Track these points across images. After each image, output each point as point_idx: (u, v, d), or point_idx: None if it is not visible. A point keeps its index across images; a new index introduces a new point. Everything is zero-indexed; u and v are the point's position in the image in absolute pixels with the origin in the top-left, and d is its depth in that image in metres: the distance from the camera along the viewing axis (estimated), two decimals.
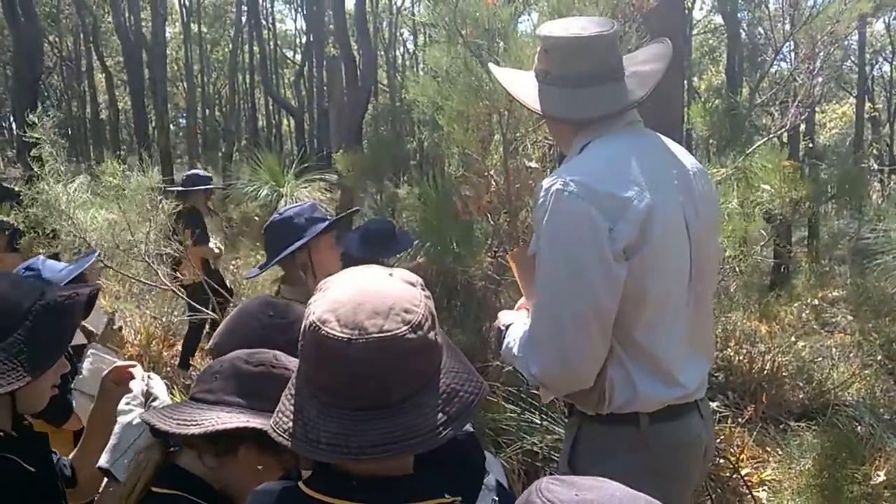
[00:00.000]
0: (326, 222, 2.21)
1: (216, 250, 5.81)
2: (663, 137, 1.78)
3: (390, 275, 1.08)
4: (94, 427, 1.71)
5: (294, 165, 7.21)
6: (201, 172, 6.36)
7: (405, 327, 0.98)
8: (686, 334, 1.65)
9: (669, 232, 1.57)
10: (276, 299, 2.07)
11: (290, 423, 1.03)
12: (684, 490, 1.80)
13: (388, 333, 0.97)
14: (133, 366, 1.74)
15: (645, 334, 1.57)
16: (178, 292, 4.84)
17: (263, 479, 1.23)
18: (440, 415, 0.99)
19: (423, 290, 1.08)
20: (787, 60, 10.56)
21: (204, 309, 4.73)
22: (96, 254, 3.07)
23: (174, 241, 4.68)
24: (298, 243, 2.13)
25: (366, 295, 1.01)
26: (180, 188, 5.92)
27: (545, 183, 1.58)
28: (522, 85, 1.75)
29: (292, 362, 1.29)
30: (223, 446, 1.27)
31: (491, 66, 1.95)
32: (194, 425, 1.23)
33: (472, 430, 1.41)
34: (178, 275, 5.15)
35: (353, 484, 1.02)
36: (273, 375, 1.30)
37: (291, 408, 1.05)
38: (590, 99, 1.64)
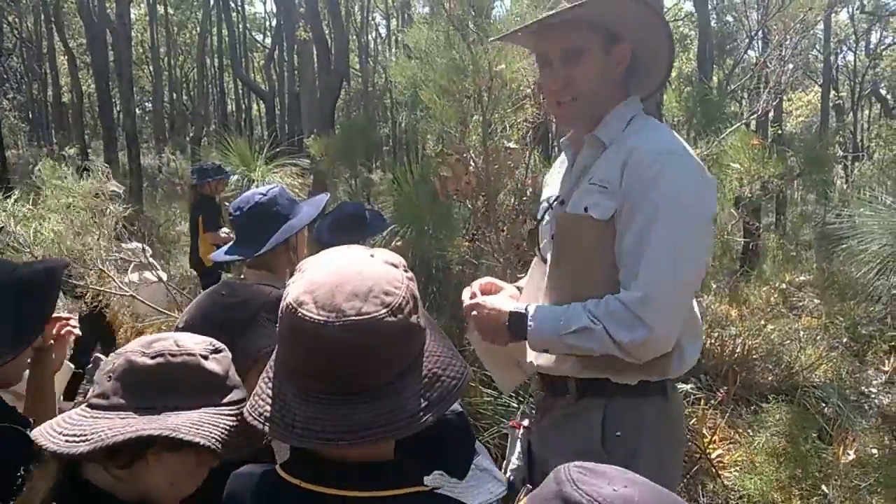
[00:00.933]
0: (315, 206, 2.17)
1: (223, 236, 5.81)
2: None
3: (371, 256, 1.04)
4: (32, 395, 1.62)
5: (265, 150, 7.11)
6: (211, 164, 6.34)
7: (384, 310, 0.95)
8: None
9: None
10: (235, 281, 2.03)
11: (267, 407, 1.00)
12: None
13: (367, 316, 0.94)
14: (70, 318, 1.64)
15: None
16: (136, 297, 4.65)
17: (188, 482, 1.18)
18: (421, 400, 0.97)
19: (405, 271, 1.04)
20: (755, 49, 10.70)
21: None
22: None
23: (133, 240, 4.59)
24: (302, 222, 2.09)
25: (344, 276, 0.98)
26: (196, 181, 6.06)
27: (646, 149, 1.56)
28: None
29: (195, 343, 1.18)
30: (125, 458, 1.10)
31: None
32: (83, 441, 1.06)
33: (460, 409, 1.40)
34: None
35: (331, 469, 1.00)
36: (173, 366, 1.13)
37: (269, 391, 1.02)
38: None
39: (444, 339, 1.08)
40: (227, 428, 1.11)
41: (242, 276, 2.13)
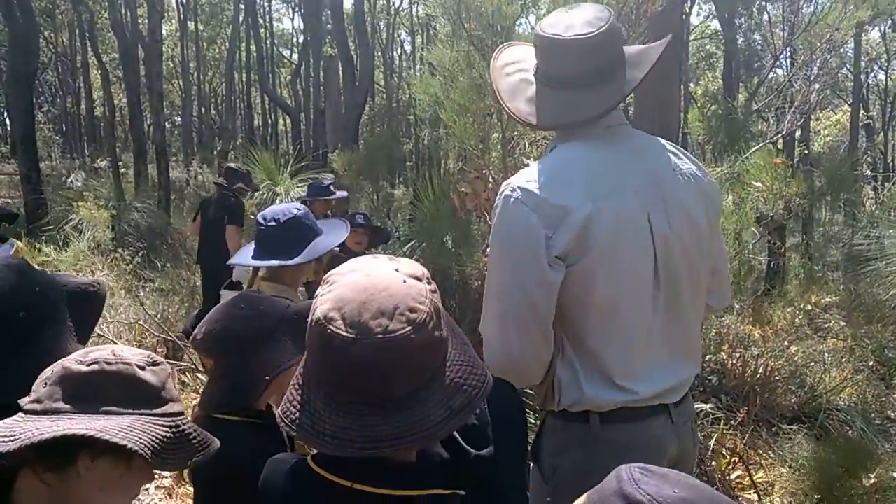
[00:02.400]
0: (345, 227, 2.29)
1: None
2: (650, 139, 1.75)
3: (396, 270, 1.07)
4: None
5: (290, 164, 7.21)
6: (241, 169, 6.50)
7: (409, 328, 0.99)
8: (656, 340, 1.63)
9: (620, 240, 1.55)
10: (255, 293, 2.06)
11: (298, 414, 1.05)
12: None
13: (393, 335, 0.98)
14: None
15: (594, 338, 1.60)
16: None
17: (120, 492, 1.18)
18: (444, 409, 1.01)
19: (428, 283, 1.08)
20: (783, 67, 10.62)
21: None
22: None
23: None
24: (332, 243, 2.14)
25: (371, 293, 1.01)
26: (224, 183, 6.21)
27: (501, 187, 1.64)
28: (519, 80, 1.76)
29: (131, 354, 1.20)
30: (54, 460, 1.10)
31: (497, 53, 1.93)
32: (11, 441, 1.05)
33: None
34: None
35: (358, 466, 1.05)
36: (107, 373, 1.15)
37: (298, 398, 1.07)
38: (558, 104, 1.67)
39: (466, 347, 1.12)
40: (159, 437, 1.12)
41: (257, 288, 2.16)
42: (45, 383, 1.16)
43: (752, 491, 3.64)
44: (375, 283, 1.04)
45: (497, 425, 1.23)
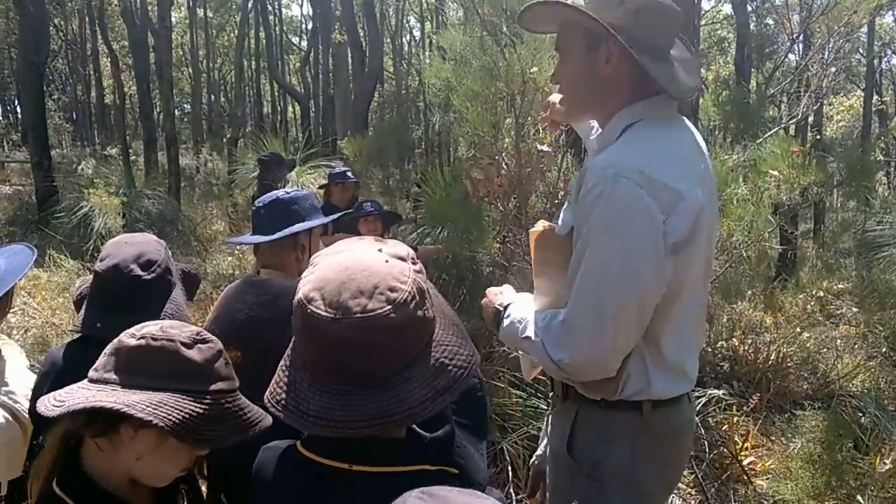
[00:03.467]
0: (330, 217, 2.27)
1: None
2: (692, 127, 1.72)
3: (380, 250, 1.07)
4: None
5: (300, 152, 7.23)
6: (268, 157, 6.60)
7: (389, 307, 0.99)
8: (698, 330, 1.68)
9: (710, 231, 1.56)
10: (254, 277, 2.07)
11: (283, 395, 1.06)
12: (679, 473, 1.84)
13: (371, 314, 0.98)
14: None
15: (669, 328, 1.56)
16: None
17: (157, 461, 1.23)
18: (428, 389, 1.01)
19: (413, 263, 1.08)
20: (796, 52, 10.50)
21: None
22: None
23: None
24: (312, 225, 2.13)
25: (351, 273, 1.02)
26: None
27: (598, 165, 1.49)
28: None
29: (182, 331, 1.24)
30: (98, 428, 1.19)
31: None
32: (60, 406, 1.16)
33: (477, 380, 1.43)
34: None
35: (344, 446, 1.06)
36: (152, 349, 1.21)
37: (286, 379, 1.08)
38: (670, 75, 1.56)
39: (455, 326, 1.11)
40: (192, 413, 1.16)
41: (258, 273, 2.19)
42: (105, 354, 1.24)
43: (765, 477, 3.64)
44: (357, 263, 1.04)
45: (460, 403, 1.23)
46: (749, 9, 14.00)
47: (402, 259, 1.07)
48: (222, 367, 1.26)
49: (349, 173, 5.77)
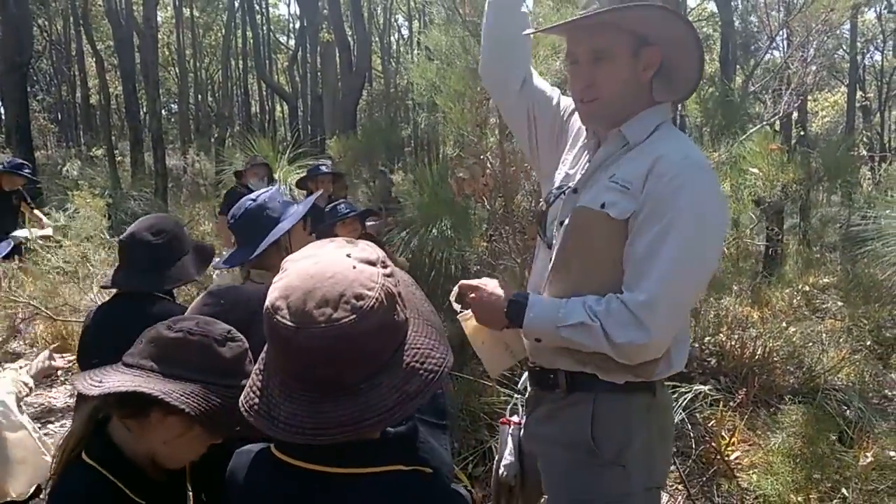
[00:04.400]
0: (303, 205, 2.24)
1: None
2: None
3: (348, 255, 1.05)
4: None
5: (287, 151, 7.19)
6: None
7: (354, 315, 0.97)
8: None
9: None
10: (214, 288, 2.09)
11: (256, 400, 1.06)
12: (672, 447, 2.00)
13: (336, 323, 0.97)
14: None
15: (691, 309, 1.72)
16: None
17: (182, 446, 1.35)
18: (397, 394, 1.00)
19: (383, 266, 1.06)
20: (780, 49, 10.57)
21: None
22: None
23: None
24: (289, 223, 2.13)
25: (317, 281, 1.00)
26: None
27: (671, 157, 1.58)
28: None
29: (215, 329, 1.35)
30: (129, 410, 1.29)
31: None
32: (98, 386, 1.26)
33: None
34: None
35: (317, 448, 1.06)
36: (189, 342, 1.32)
37: (259, 383, 1.08)
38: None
39: (429, 327, 1.10)
40: (217, 405, 1.28)
41: (247, 274, 2.20)
42: (141, 341, 1.35)
43: (752, 472, 3.68)
44: (323, 270, 1.02)
45: None
46: (733, 6, 14.08)
47: (372, 263, 1.05)
48: (248, 365, 1.36)
49: (323, 167, 5.65)
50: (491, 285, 1.76)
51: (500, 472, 2.00)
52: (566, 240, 1.72)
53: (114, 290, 2.40)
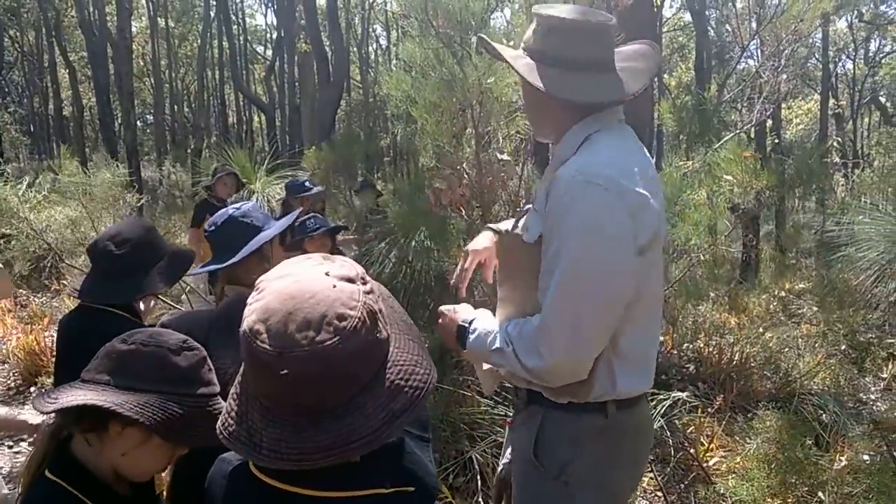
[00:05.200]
0: (286, 218, 2.28)
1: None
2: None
3: (327, 273, 1.02)
4: None
5: (265, 162, 7.14)
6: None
7: (337, 338, 0.95)
8: (658, 328, 1.75)
9: (665, 234, 1.65)
10: (171, 319, 2.03)
11: (235, 427, 1.03)
12: (641, 470, 1.90)
13: (320, 346, 0.94)
14: None
15: (633, 331, 1.61)
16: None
17: (141, 458, 1.34)
18: (384, 413, 0.98)
19: (362, 283, 1.03)
20: (754, 58, 10.73)
21: None
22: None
23: None
24: (272, 233, 2.11)
25: (297, 302, 0.97)
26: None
27: (566, 174, 1.54)
28: (516, 60, 1.68)
29: (170, 339, 1.35)
30: (88, 424, 1.30)
31: (481, 35, 1.90)
32: (53, 402, 1.27)
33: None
34: None
35: (299, 470, 1.03)
36: (142, 353, 1.32)
37: (236, 409, 1.05)
38: (594, 85, 1.62)
39: (410, 342, 1.08)
40: (174, 414, 1.28)
41: (221, 289, 2.15)
42: (99, 356, 1.35)
43: (730, 477, 3.70)
44: (302, 290, 0.99)
45: None
46: (707, 16, 14.28)
47: (351, 281, 1.02)
48: (206, 373, 1.37)
49: (308, 183, 5.53)
50: (450, 309, 1.82)
51: (500, 470, 2.05)
52: (500, 265, 1.80)
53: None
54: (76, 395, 1.27)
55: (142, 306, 2.43)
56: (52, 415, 1.32)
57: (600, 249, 1.50)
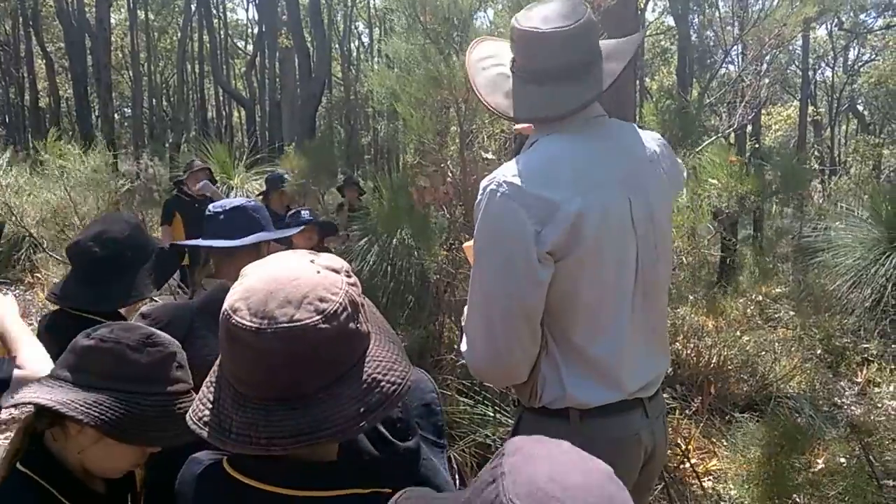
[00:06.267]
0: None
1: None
2: (624, 127, 1.74)
3: (312, 261, 1.03)
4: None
5: (245, 157, 7.07)
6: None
7: (318, 317, 0.94)
8: (637, 336, 1.64)
9: (607, 234, 1.55)
10: (152, 308, 1.98)
11: (206, 412, 1.02)
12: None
13: (299, 323, 0.93)
14: None
15: (580, 335, 1.58)
16: None
17: (123, 457, 1.31)
18: (358, 405, 0.97)
19: (347, 276, 1.04)
20: (735, 63, 10.85)
21: None
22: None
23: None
24: (276, 235, 2.09)
25: (280, 283, 0.97)
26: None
27: (483, 182, 1.58)
28: (496, 74, 1.71)
29: (133, 334, 1.31)
30: (48, 421, 1.28)
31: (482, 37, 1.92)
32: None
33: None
34: None
35: (273, 467, 1.02)
36: (100, 349, 1.28)
37: (210, 396, 1.03)
38: (538, 97, 1.62)
39: (391, 342, 1.08)
40: (129, 413, 1.24)
41: (200, 281, 2.12)
42: (66, 350, 1.32)
43: (707, 479, 3.71)
44: (287, 273, 0.99)
45: (417, 414, 1.22)
46: (690, 21, 14.41)
47: (336, 271, 1.03)
48: (173, 370, 1.32)
49: (287, 175, 5.57)
50: None
51: None
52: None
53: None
54: (30, 393, 1.26)
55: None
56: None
57: (500, 259, 1.53)
